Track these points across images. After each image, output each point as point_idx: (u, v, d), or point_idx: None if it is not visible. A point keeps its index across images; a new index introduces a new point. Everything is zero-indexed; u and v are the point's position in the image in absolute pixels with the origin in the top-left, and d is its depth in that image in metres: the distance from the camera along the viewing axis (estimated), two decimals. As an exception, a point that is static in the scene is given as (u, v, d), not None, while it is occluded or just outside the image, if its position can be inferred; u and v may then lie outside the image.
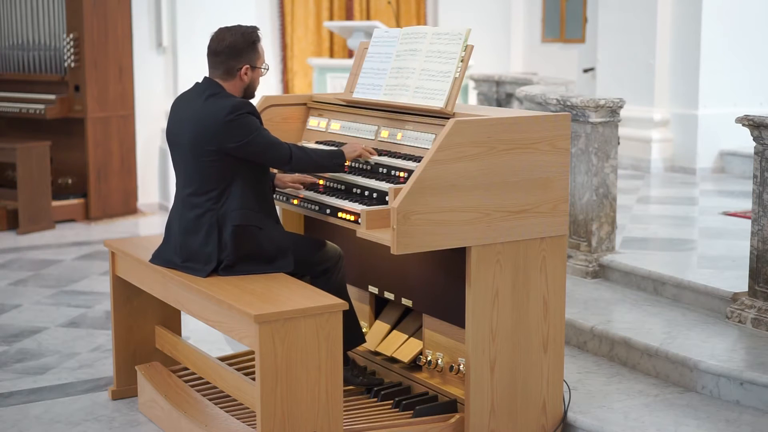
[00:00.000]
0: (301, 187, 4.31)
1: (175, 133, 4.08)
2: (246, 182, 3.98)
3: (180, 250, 4.05)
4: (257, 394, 3.52)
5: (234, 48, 3.99)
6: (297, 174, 4.32)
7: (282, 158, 4.01)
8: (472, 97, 10.04)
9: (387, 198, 3.88)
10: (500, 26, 11.39)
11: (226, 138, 3.89)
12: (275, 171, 4.36)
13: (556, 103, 5.78)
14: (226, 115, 3.88)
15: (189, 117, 3.99)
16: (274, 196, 4.34)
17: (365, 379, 4.32)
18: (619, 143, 5.63)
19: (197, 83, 4.08)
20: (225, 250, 3.95)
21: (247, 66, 4.02)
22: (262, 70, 4.09)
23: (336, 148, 4.20)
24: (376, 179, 4.07)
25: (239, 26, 4.06)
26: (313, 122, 4.72)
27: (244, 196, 3.97)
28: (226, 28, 4.05)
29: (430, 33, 4.19)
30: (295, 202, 4.29)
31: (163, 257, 4.14)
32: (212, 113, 3.91)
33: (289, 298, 3.66)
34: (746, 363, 4.24)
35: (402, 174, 4.00)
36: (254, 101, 4.21)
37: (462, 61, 4.01)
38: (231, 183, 3.97)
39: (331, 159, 4.13)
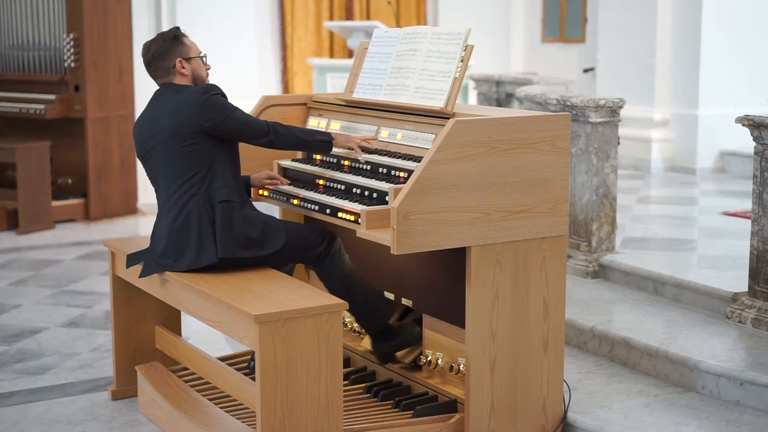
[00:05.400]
0: (276, 183, 4.39)
1: (151, 133, 4.08)
2: (224, 165, 4.06)
3: (172, 252, 4.02)
4: (257, 394, 3.52)
5: (159, 52, 4.13)
6: (269, 172, 4.43)
7: (261, 130, 4.11)
8: (472, 97, 10.04)
9: (387, 198, 3.88)
10: (500, 26, 11.39)
11: (204, 118, 3.98)
12: (249, 174, 4.44)
13: (556, 103, 5.78)
14: (200, 96, 4.00)
15: (164, 111, 4.07)
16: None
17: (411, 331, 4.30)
18: (619, 143, 5.63)
19: (156, 90, 4.18)
20: (218, 229, 3.96)
21: (179, 59, 4.13)
22: (201, 59, 4.19)
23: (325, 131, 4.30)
24: (376, 179, 4.07)
25: (158, 33, 4.22)
26: (313, 122, 4.72)
27: (225, 177, 4.05)
28: (149, 40, 4.21)
29: (430, 33, 4.19)
30: (295, 202, 4.29)
31: (153, 260, 4.11)
32: (186, 99, 4.02)
33: (289, 298, 3.66)
34: (746, 363, 4.24)
35: (402, 174, 4.00)
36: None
37: (462, 61, 4.01)
38: (212, 165, 4.03)
39: (312, 135, 4.25)
